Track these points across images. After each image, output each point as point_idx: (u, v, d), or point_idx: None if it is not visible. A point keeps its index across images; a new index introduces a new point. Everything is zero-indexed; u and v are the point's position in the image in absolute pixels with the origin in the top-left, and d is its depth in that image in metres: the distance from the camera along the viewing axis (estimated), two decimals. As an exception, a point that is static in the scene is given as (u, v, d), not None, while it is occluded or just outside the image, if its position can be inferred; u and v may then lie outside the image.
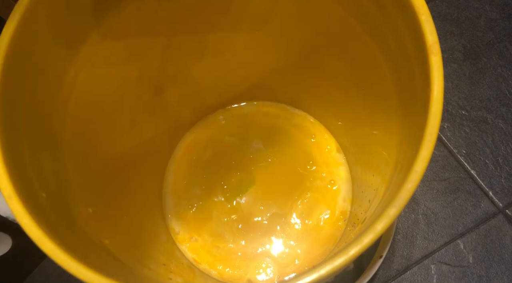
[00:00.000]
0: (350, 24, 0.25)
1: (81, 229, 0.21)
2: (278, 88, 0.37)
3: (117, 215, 0.27)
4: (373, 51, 0.24)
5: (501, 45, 0.44)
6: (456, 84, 0.43)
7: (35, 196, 0.18)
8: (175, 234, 0.35)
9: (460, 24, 0.46)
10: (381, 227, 0.16)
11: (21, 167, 0.18)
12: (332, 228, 0.34)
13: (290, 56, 0.32)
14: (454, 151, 0.40)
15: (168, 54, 0.30)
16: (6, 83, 0.18)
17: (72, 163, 0.23)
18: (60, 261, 0.16)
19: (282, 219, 0.35)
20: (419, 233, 0.37)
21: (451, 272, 0.36)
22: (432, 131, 0.17)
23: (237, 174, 0.36)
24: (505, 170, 0.39)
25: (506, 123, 0.41)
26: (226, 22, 0.29)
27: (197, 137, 0.38)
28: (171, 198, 0.36)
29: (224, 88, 0.37)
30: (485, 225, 0.37)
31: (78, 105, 0.24)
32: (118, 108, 0.28)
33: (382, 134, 0.27)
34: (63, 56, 0.22)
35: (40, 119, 0.21)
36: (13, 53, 0.18)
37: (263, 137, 0.38)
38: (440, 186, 0.39)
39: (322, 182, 0.36)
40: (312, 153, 0.37)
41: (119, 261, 0.22)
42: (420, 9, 0.18)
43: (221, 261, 0.34)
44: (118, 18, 0.24)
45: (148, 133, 0.33)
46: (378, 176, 0.27)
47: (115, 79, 0.27)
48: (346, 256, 0.15)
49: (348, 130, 0.35)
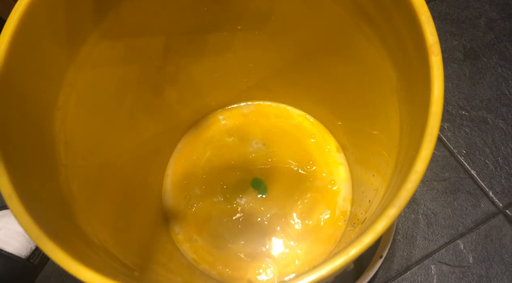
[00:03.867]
0: (350, 24, 0.25)
1: (81, 229, 0.21)
2: (278, 88, 0.37)
3: (117, 215, 0.27)
4: (373, 51, 0.24)
5: (501, 45, 0.44)
6: (456, 84, 0.43)
7: (35, 196, 0.18)
8: (175, 234, 0.35)
9: (460, 24, 0.45)
10: (381, 227, 0.16)
11: (21, 167, 0.18)
12: (332, 228, 0.34)
13: (290, 56, 0.32)
14: (454, 151, 0.40)
15: (168, 54, 0.30)
16: (6, 83, 0.18)
17: (72, 163, 0.23)
18: (60, 261, 0.16)
19: (282, 219, 0.35)
20: (419, 233, 0.37)
21: (451, 272, 0.36)
22: (432, 131, 0.17)
23: (237, 174, 0.36)
24: (505, 170, 0.39)
25: (506, 123, 0.41)
26: (226, 22, 0.29)
27: (197, 137, 0.38)
28: (171, 198, 0.36)
29: (224, 88, 0.37)
30: (485, 225, 0.37)
31: (78, 105, 0.24)
32: (118, 108, 0.28)
33: (382, 134, 0.27)
34: (63, 56, 0.22)
35: (40, 119, 0.21)
36: (13, 53, 0.18)
37: (263, 137, 0.38)
38: (440, 186, 0.39)
39: (322, 182, 0.36)
40: (312, 153, 0.37)
41: (119, 261, 0.22)
42: (420, 9, 0.18)
43: (221, 261, 0.34)
44: (118, 18, 0.24)
45: (148, 133, 0.33)
46: (378, 176, 0.27)
47: (115, 79, 0.27)
48: (346, 256, 0.15)
49: (348, 130, 0.35)
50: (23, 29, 0.19)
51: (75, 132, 0.24)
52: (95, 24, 0.23)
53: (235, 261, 0.34)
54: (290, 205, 0.35)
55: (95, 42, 0.24)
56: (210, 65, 0.33)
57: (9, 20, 0.18)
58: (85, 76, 0.24)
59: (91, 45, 0.23)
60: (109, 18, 0.24)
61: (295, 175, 0.36)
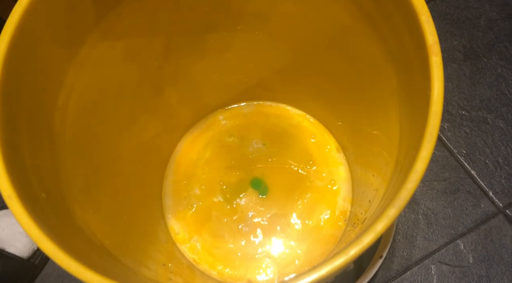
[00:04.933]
0: (350, 24, 0.25)
1: (81, 229, 0.21)
2: (278, 88, 0.37)
3: (117, 215, 0.27)
4: (373, 51, 0.24)
5: (501, 45, 0.44)
6: (456, 84, 0.43)
7: (35, 196, 0.18)
8: (175, 234, 0.35)
9: (460, 24, 0.45)
10: (381, 227, 0.16)
11: (21, 167, 0.18)
12: (332, 228, 0.34)
13: (290, 56, 0.32)
14: (454, 151, 0.40)
15: (168, 54, 0.30)
16: (6, 83, 0.18)
17: (72, 163, 0.23)
18: (60, 261, 0.16)
19: (282, 219, 0.35)
20: (419, 233, 0.37)
21: (451, 272, 0.36)
22: (432, 131, 0.17)
23: (237, 174, 0.36)
24: (505, 170, 0.39)
25: (506, 123, 0.41)
26: (226, 22, 0.29)
27: (197, 137, 0.38)
28: (171, 198, 0.36)
29: (224, 88, 0.37)
30: (485, 225, 0.37)
31: (78, 105, 0.24)
32: (118, 108, 0.28)
33: (382, 134, 0.27)
34: (63, 56, 0.22)
35: (40, 119, 0.21)
36: (13, 53, 0.18)
37: (263, 137, 0.38)
38: (440, 186, 0.39)
39: (322, 182, 0.36)
40: (312, 153, 0.37)
41: (119, 261, 0.22)
42: (420, 9, 0.18)
43: (221, 261, 0.34)
44: (118, 18, 0.24)
45: (148, 133, 0.33)
46: (378, 176, 0.27)
47: (115, 79, 0.27)
48: (346, 256, 0.15)
49: (348, 130, 0.35)
50: (23, 29, 0.19)
51: (75, 132, 0.24)
52: (95, 24, 0.23)
53: (235, 261, 0.34)
54: (290, 205, 0.35)
55: (95, 42, 0.24)
56: (210, 65, 0.33)
57: (9, 20, 0.18)
58: (85, 76, 0.24)
59: (91, 45, 0.23)
60: (109, 18, 0.24)
61: (295, 175, 0.36)
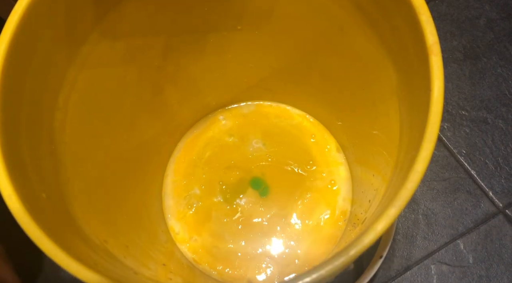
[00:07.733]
0: (350, 24, 0.25)
1: (81, 229, 0.21)
2: (278, 88, 0.37)
3: (117, 215, 0.27)
4: (373, 51, 0.24)
5: (501, 45, 0.44)
6: (456, 84, 0.43)
7: (35, 196, 0.18)
8: (175, 234, 0.35)
9: (460, 24, 0.45)
10: (381, 227, 0.16)
11: (21, 167, 0.18)
12: (332, 228, 0.34)
13: (290, 56, 0.32)
14: (454, 151, 0.40)
15: (168, 54, 0.30)
16: (6, 83, 0.18)
17: (72, 163, 0.23)
18: (60, 261, 0.16)
19: (282, 219, 0.35)
20: (419, 233, 0.37)
21: (451, 272, 0.36)
22: (433, 131, 0.17)
23: (237, 174, 0.36)
24: (505, 170, 0.39)
25: (506, 123, 0.41)
26: (226, 22, 0.29)
27: (197, 137, 0.38)
28: (171, 198, 0.36)
29: (224, 88, 0.37)
30: (485, 225, 0.37)
31: (78, 105, 0.24)
32: (118, 108, 0.28)
33: (382, 134, 0.27)
34: (63, 55, 0.22)
35: (40, 119, 0.21)
36: (13, 53, 0.18)
37: (263, 137, 0.38)
38: (440, 186, 0.39)
39: (322, 182, 0.36)
40: (312, 153, 0.37)
41: (119, 261, 0.22)
42: (420, 9, 0.18)
43: (221, 261, 0.34)
44: (118, 18, 0.24)
45: (148, 133, 0.33)
46: (378, 176, 0.27)
47: (115, 79, 0.27)
48: (346, 256, 0.15)
49: (348, 130, 0.35)
50: (23, 29, 0.19)
51: (75, 132, 0.24)
52: (95, 24, 0.23)
53: (235, 261, 0.34)
54: (290, 205, 0.35)
55: (95, 42, 0.24)
56: (210, 65, 0.33)
57: (9, 20, 0.18)
58: (85, 76, 0.24)
59: (91, 45, 0.23)
60: (109, 18, 0.24)
61: (295, 175, 0.36)
